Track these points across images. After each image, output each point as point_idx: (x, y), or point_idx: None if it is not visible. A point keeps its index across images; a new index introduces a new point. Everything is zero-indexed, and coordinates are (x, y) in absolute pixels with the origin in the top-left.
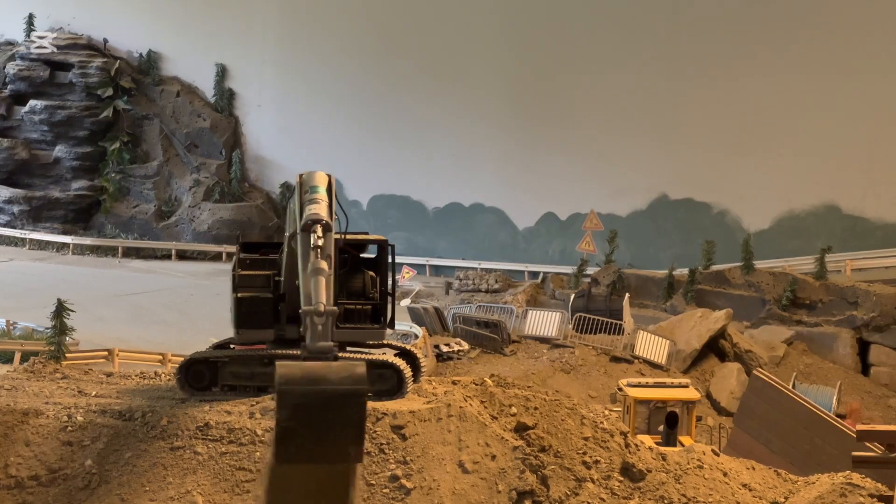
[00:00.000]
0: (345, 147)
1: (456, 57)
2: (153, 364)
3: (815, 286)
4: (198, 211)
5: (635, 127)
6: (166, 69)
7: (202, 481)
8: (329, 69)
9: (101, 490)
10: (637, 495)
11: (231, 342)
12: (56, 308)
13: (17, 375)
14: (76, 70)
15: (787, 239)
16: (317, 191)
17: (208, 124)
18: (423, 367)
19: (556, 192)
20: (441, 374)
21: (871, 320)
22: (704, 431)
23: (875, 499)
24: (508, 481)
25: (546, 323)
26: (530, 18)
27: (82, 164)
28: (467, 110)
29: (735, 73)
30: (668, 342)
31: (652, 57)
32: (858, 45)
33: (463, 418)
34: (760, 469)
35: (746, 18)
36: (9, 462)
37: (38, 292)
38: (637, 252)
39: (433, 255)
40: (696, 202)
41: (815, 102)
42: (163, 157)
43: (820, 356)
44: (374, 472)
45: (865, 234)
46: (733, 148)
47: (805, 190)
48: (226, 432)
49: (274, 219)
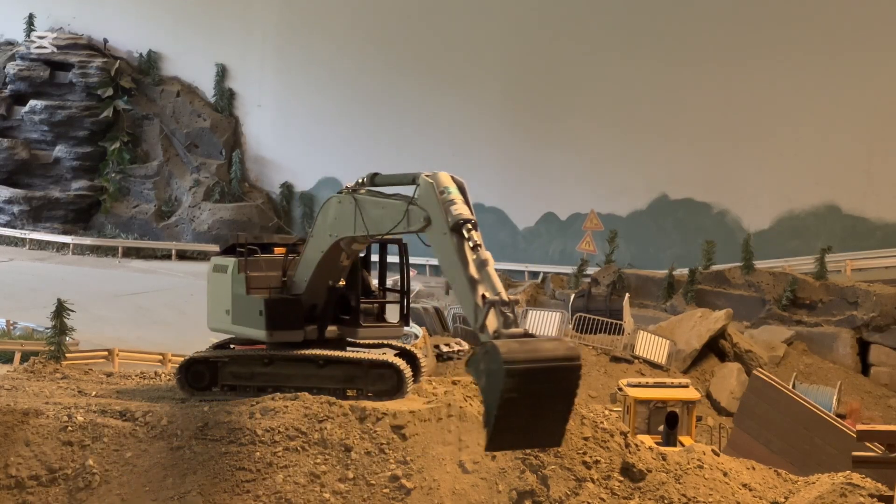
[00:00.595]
0: (345, 147)
1: (456, 57)
2: (153, 364)
3: (815, 286)
4: (198, 211)
5: (635, 127)
6: (166, 69)
7: (202, 481)
8: (329, 69)
9: (101, 490)
10: (637, 495)
11: (231, 342)
12: (56, 308)
13: (17, 375)
14: (76, 70)
15: (787, 239)
16: (450, 191)
17: (208, 124)
18: (423, 367)
19: (556, 192)
20: (441, 374)
21: (871, 320)
22: (704, 431)
23: (875, 499)
24: (508, 481)
25: (546, 323)
26: (530, 19)
27: (82, 164)
28: (467, 110)
29: (735, 73)
30: (668, 342)
31: (652, 57)
32: (859, 45)
33: (463, 418)
34: (760, 469)
35: (747, 18)
36: (9, 462)
37: (38, 292)
38: (637, 252)
39: (433, 255)
40: (696, 202)
41: (815, 102)
42: (163, 157)
43: (820, 356)
44: (375, 472)
45: (865, 234)
46: (733, 148)
47: (805, 190)
48: (226, 432)
49: (274, 219)
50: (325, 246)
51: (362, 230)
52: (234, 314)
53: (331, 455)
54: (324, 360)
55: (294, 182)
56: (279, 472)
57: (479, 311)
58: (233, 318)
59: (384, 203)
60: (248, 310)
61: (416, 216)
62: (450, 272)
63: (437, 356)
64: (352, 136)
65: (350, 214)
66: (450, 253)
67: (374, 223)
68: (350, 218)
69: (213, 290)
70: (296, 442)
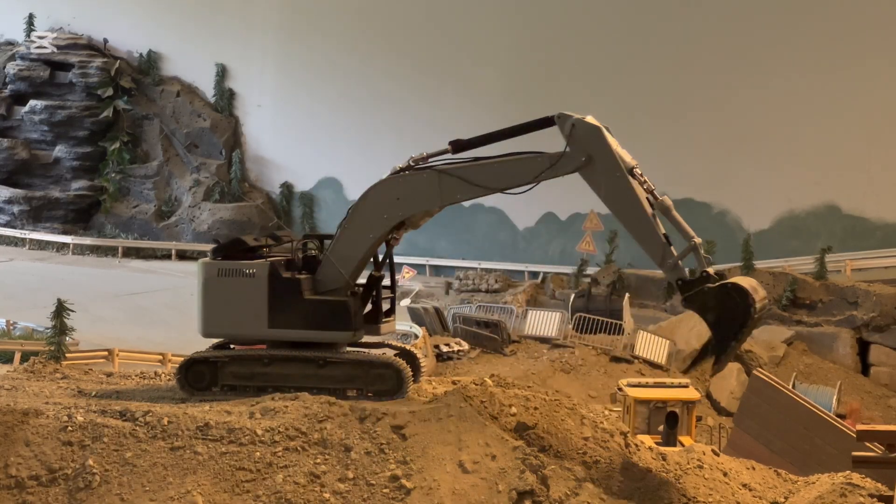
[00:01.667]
0: (345, 147)
1: (456, 56)
2: (153, 364)
3: (815, 286)
4: (198, 211)
5: (635, 127)
6: (166, 69)
7: (202, 481)
8: (329, 69)
9: (101, 490)
10: (637, 495)
11: (231, 342)
12: (56, 308)
13: (17, 375)
14: (76, 70)
15: (787, 239)
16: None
17: (208, 124)
18: (423, 367)
19: (556, 192)
20: (441, 374)
21: (871, 320)
22: (704, 431)
23: (875, 499)
24: (508, 481)
25: (546, 323)
26: (530, 18)
27: (82, 164)
28: (467, 110)
29: (735, 73)
30: (668, 342)
31: (652, 56)
32: (859, 45)
33: (463, 418)
34: (760, 469)
35: (747, 19)
36: (9, 462)
37: (38, 292)
38: (637, 252)
39: (433, 255)
40: (696, 202)
41: (815, 102)
42: (163, 157)
43: (820, 356)
44: (375, 472)
45: (865, 234)
46: (733, 148)
47: (805, 190)
48: (226, 432)
49: (274, 218)
50: (377, 231)
51: (462, 194)
52: (283, 318)
53: (331, 455)
54: (324, 360)
55: (294, 182)
56: (279, 472)
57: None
58: (273, 322)
59: (506, 160)
60: (310, 312)
61: (573, 155)
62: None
63: (437, 356)
64: (352, 136)
65: (431, 187)
66: (629, 193)
67: (493, 179)
68: (432, 191)
69: (225, 296)
70: (296, 442)
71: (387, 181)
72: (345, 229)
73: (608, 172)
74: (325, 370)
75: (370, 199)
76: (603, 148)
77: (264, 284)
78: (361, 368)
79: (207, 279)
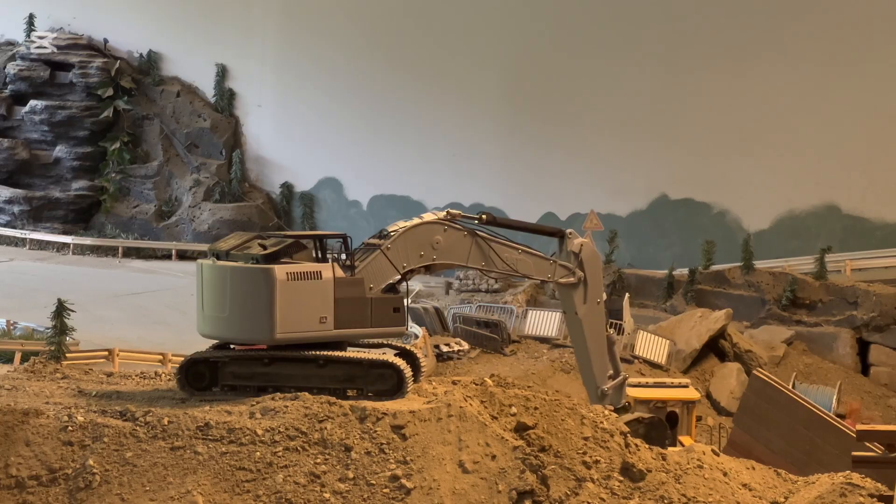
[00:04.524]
0: (345, 147)
1: (456, 56)
2: (153, 364)
3: (815, 286)
4: (198, 211)
5: (635, 127)
6: (166, 69)
7: (202, 481)
8: (329, 69)
9: (102, 490)
10: (637, 495)
11: (231, 342)
12: (56, 308)
13: (17, 375)
14: (76, 70)
15: (787, 239)
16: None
17: (208, 124)
18: (423, 367)
19: (556, 192)
20: (441, 374)
21: (871, 320)
22: (704, 431)
23: (875, 499)
24: (508, 481)
25: (546, 323)
26: (531, 20)
27: (82, 164)
28: (467, 110)
29: (735, 73)
30: (668, 342)
31: (652, 56)
32: (859, 45)
33: (463, 418)
34: (760, 469)
35: (746, 18)
36: (9, 462)
37: (38, 292)
38: (637, 252)
39: None
40: (696, 202)
41: (815, 102)
42: (163, 157)
43: (820, 356)
44: (375, 472)
45: (865, 234)
46: (733, 148)
47: (805, 190)
48: (226, 432)
49: (274, 219)
50: (411, 263)
51: (482, 264)
52: (348, 318)
53: (331, 455)
54: (324, 360)
55: (294, 182)
56: (279, 472)
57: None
58: (338, 322)
59: (529, 252)
60: (373, 310)
61: (574, 272)
62: (593, 336)
63: (437, 356)
64: (352, 136)
65: (465, 247)
66: (600, 321)
67: (512, 262)
68: (464, 250)
69: (296, 300)
70: (296, 442)
71: (434, 224)
72: (387, 250)
73: (593, 298)
74: (326, 370)
75: (417, 232)
76: (598, 274)
77: (330, 286)
78: (361, 368)
79: (280, 284)
